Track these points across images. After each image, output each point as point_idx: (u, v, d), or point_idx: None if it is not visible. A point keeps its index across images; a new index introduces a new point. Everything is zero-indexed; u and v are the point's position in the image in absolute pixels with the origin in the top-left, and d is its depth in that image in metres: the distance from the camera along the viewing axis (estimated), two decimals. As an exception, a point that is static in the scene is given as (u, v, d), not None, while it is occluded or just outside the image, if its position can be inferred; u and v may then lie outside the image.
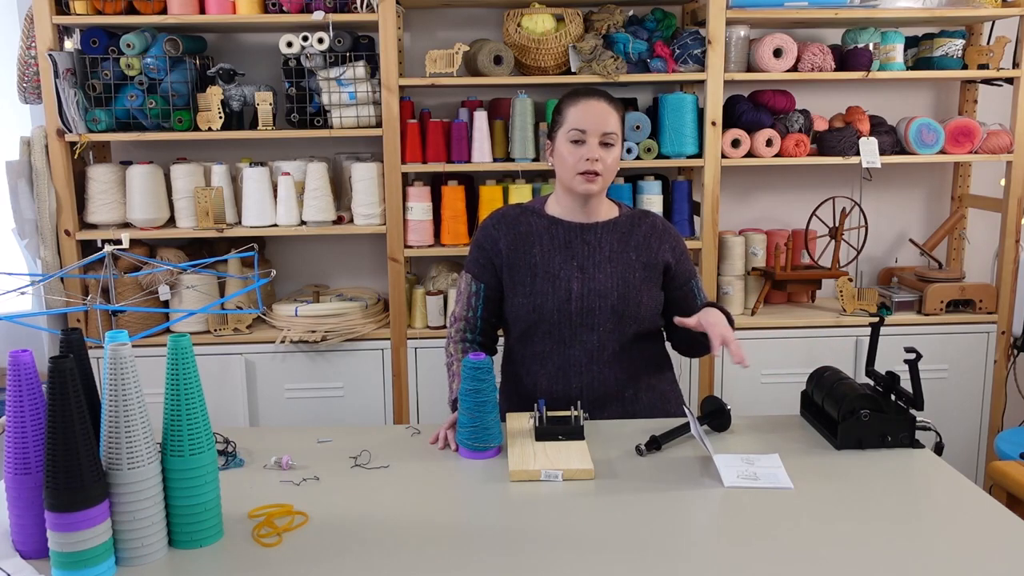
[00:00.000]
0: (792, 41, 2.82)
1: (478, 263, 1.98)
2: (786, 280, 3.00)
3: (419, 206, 2.87)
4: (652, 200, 2.91)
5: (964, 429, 3.04)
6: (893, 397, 1.77)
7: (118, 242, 2.21)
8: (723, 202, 3.16)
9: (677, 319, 1.84)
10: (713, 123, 2.83)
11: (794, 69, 2.85)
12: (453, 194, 2.86)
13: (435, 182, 2.92)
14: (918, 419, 1.74)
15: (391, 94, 2.77)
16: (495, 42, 2.79)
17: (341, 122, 2.80)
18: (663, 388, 2.03)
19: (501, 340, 2.09)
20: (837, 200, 3.08)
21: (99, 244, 2.75)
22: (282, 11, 2.73)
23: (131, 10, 2.73)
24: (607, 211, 1.99)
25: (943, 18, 2.88)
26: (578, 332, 1.92)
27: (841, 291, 3.00)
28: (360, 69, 2.76)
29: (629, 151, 2.84)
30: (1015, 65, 2.91)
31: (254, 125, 2.85)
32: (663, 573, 1.28)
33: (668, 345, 2.09)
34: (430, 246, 2.90)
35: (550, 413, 1.78)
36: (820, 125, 3.00)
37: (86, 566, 1.23)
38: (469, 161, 2.85)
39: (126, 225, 2.84)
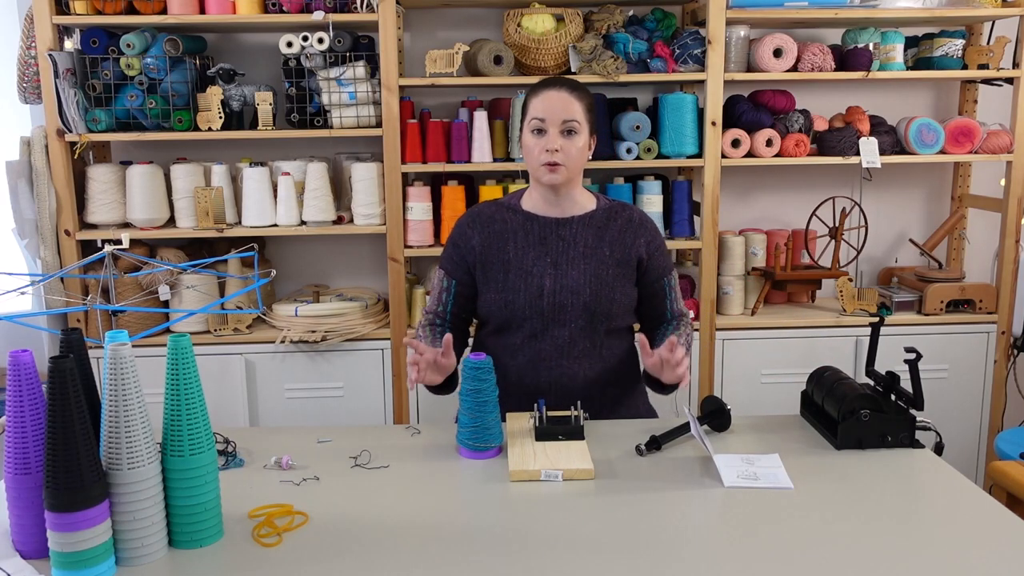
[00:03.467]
0: (792, 41, 2.82)
1: (451, 260, 2.00)
2: (786, 280, 3.00)
3: (419, 206, 2.87)
4: (652, 200, 2.91)
5: (964, 429, 3.04)
6: (893, 397, 1.77)
7: (118, 242, 2.21)
8: (723, 202, 3.16)
9: (644, 346, 1.81)
10: (713, 123, 2.83)
11: (794, 69, 2.85)
12: (453, 194, 2.86)
13: (435, 182, 2.92)
14: (918, 419, 1.73)
15: (391, 94, 2.77)
16: (495, 42, 2.79)
17: (341, 122, 2.80)
18: (631, 387, 2.05)
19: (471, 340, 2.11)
20: (837, 200, 3.08)
21: (99, 244, 2.75)
22: (282, 11, 2.73)
23: (131, 10, 2.73)
24: (583, 204, 1.98)
25: (943, 18, 2.88)
26: (550, 327, 1.93)
27: (841, 291, 3.00)
28: (360, 69, 2.76)
29: (629, 151, 2.84)
30: (1015, 65, 2.91)
31: (254, 125, 2.85)
32: (663, 573, 1.28)
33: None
34: (430, 246, 2.90)
35: (550, 413, 1.78)
36: (820, 125, 3.00)
37: (86, 566, 1.23)
38: (469, 161, 2.85)
39: (126, 225, 2.84)
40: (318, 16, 2.68)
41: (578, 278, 1.92)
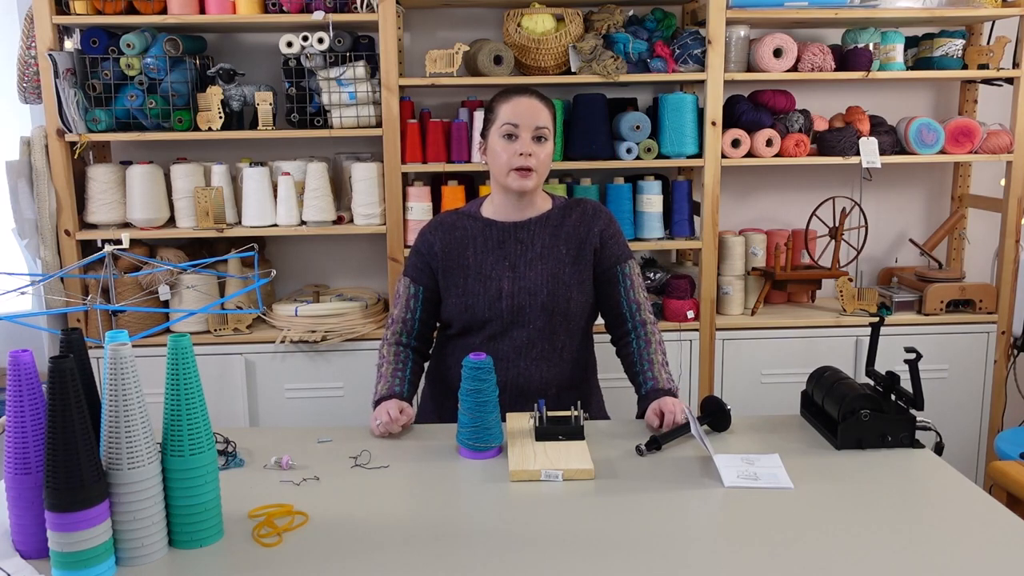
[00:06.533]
0: (792, 41, 2.82)
1: (416, 267, 2.04)
2: (786, 280, 3.00)
3: (419, 206, 2.87)
4: (652, 200, 2.91)
5: (964, 429, 3.04)
6: (893, 397, 1.77)
7: (118, 242, 2.21)
8: (723, 202, 3.16)
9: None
10: (713, 123, 2.83)
11: (794, 69, 2.85)
12: (453, 194, 2.86)
13: (435, 182, 2.92)
14: (918, 419, 1.74)
15: (391, 94, 2.77)
16: (495, 42, 2.79)
17: (341, 122, 2.80)
18: (585, 390, 2.07)
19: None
20: (837, 200, 3.08)
21: (99, 244, 2.75)
22: (282, 11, 2.73)
23: (131, 10, 2.73)
24: (540, 205, 2.01)
25: (943, 18, 2.88)
26: (509, 329, 1.96)
27: (841, 291, 3.00)
28: (360, 69, 2.76)
29: (629, 151, 2.84)
30: (1015, 65, 2.91)
31: (254, 125, 2.85)
32: (663, 573, 1.28)
33: (615, 350, 2.09)
34: (430, 246, 2.90)
35: (550, 413, 1.78)
36: (820, 125, 2.99)
37: (86, 566, 1.23)
38: (469, 161, 2.85)
39: (126, 225, 2.84)
40: (318, 16, 2.68)
41: (535, 279, 1.95)
